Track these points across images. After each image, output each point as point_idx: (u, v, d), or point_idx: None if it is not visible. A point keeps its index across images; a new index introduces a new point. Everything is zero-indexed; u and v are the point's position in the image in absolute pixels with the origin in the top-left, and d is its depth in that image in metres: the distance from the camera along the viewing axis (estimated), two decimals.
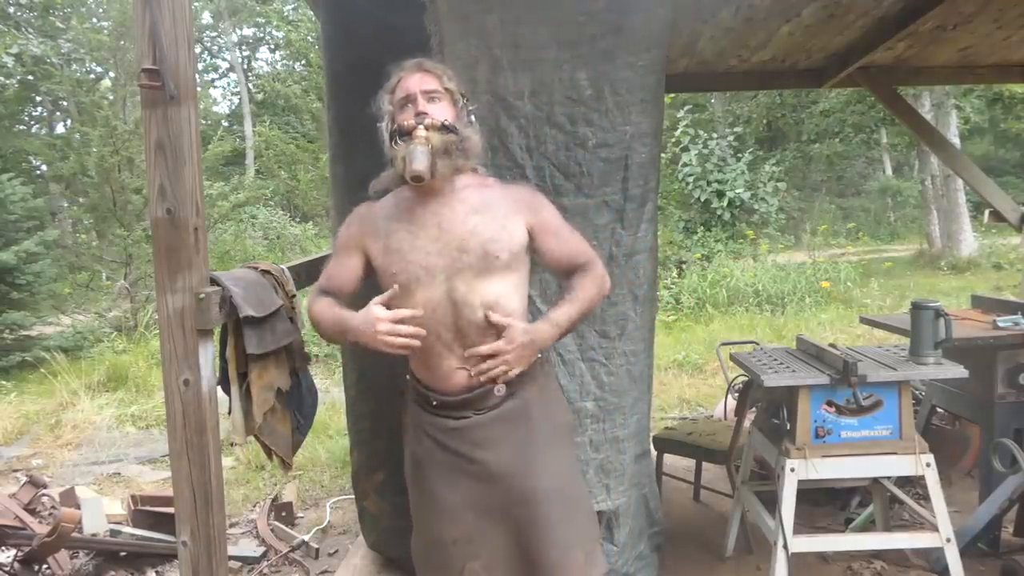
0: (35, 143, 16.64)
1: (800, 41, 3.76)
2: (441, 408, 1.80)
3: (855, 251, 13.30)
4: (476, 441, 1.78)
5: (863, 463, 2.46)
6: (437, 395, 1.79)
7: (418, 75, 1.77)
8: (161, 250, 1.78)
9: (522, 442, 1.79)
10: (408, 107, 1.74)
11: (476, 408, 1.78)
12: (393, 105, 1.78)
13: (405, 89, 1.76)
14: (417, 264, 1.72)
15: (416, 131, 1.69)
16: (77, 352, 7.88)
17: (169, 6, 1.74)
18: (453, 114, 1.76)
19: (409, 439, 1.90)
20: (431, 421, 1.82)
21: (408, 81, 1.77)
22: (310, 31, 18.55)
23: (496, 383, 1.75)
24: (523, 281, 1.81)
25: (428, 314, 1.71)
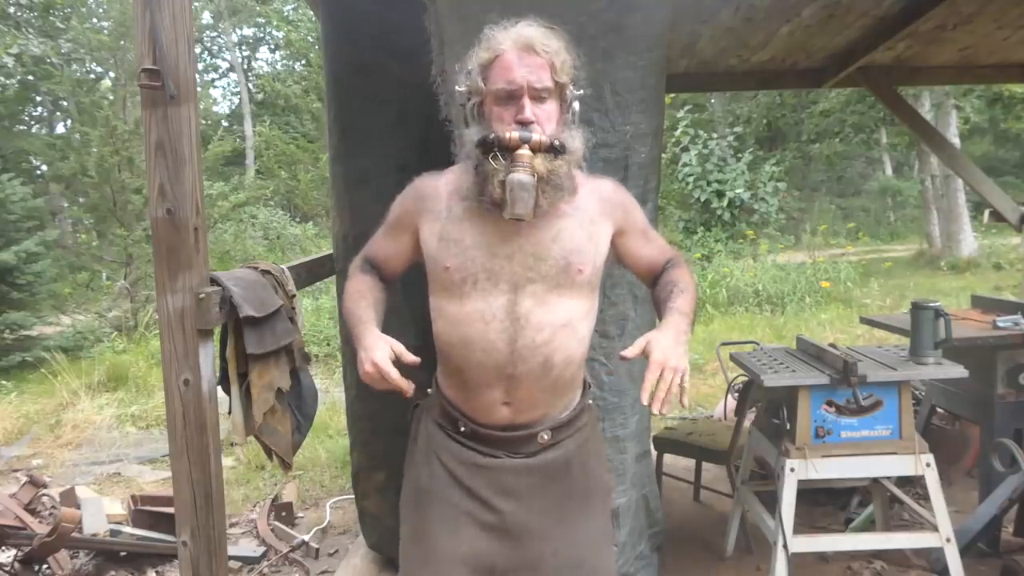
0: (35, 143, 16.63)
1: (800, 41, 3.76)
2: (470, 437, 1.51)
3: (855, 251, 13.30)
4: (502, 487, 1.48)
5: (863, 463, 2.46)
6: (469, 422, 1.50)
7: (527, 59, 1.37)
8: (161, 250, 1.78)
9: (553, 502, 1.51)
10: (509, 105, 1.38)
11: (512, 450, 1.49)
12: (485, 87, 1.40)
13: (508, 76, 1.37)
14: (479, 263, 1.41)
15: (520, 151, 1.34)
16: (77, 352, 7.88)
17: (169, 6, 1.74)
18: (559, 119, 1.43)
19: (415, 462, 1.59)
20: (451, 449, 1.52)
21: (513, 65, 1.37)
22: (310, 31, 18.55)
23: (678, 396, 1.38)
24: (596, 302, 1.53)
25: (478, 326, 1.41)
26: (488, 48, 1.39)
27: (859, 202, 21.01)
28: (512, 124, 1.37)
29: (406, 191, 1.56)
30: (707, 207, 11.50)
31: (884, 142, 17.57)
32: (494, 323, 1.41)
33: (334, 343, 7.12)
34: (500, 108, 1.39)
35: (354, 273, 1.60)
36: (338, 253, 2.87)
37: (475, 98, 1.43)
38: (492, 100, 1.40)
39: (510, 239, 1.42)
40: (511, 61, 1.37)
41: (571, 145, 1.42)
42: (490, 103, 1.40)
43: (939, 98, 13.02)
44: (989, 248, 13.14)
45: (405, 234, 1.54)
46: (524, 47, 1.37)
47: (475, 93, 1.42)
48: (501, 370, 1.42)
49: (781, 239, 12.38)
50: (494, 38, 1.40)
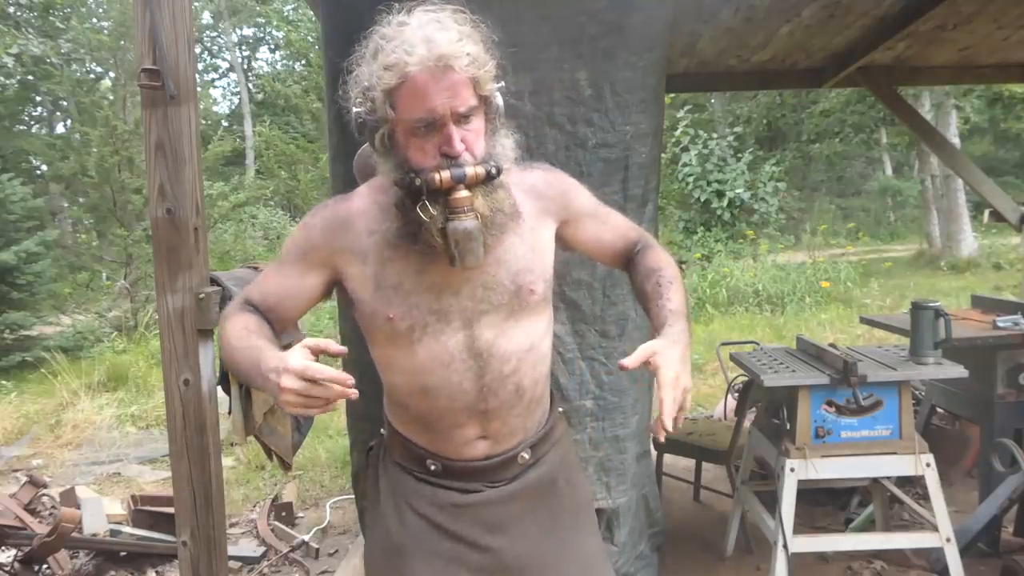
0: (35, 143, 16.65)
1: (800, 41, 3.76)
2: (443, 476, 1.33)
3: (855, 251, 13.30)
4: (489, 523, 1.33)
5: (863, 463, 2.46)
6: (439, 459, 1.33)
7: (444, 79, 1.12)
8: (161, 250, 1.78)
9: (546, 524, 1.38)
10: (430, 135, 1.15)
11: (492, 479, 1.34)
12: (394, 115, 1.15)
13: (424, 105, 1.12)
14: (425, 307, 1.23)
15: (457, 195, 1.14)
16: (77, 352, 7.89)
17: (169, 6, 1.74)
18: (486, 130, 1.22)
19: (381, 516, 1.38)
20: (423, 492, 1.34)
21: (429, 91, 1.12)
22: (310, 31, 18.55)
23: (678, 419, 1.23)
24: (551, 311, 1.38)
25: (438, 372, 1.25)
26: (392, 70, 1.11)
27: (859, 202, 21.01)
28: (436, 156, 1.15)
29: (309, 222, 1.29)
30: (707, 207, 11.50)
31: (884, 142, 17.58)
32: (455, 364, 1.25)
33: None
34: (419, 140, 1.15)
35: (231, 315, 1.29)
36: None
37: (384, 127, 1.18)
38: (406, 130, 1.16)
39: (454, 275, 1.23)
40: (425, 86, 1.11)
41: (505, 157, 1.22)
42: (404, 133, 1.16)
43: (939, 98, 13.02)
44: (989, 248, 13.14)
45: (311, 273, 1.28)
46: (437, 66, 1.10)
47: (382, 121, 1.17)
48: (472, 408, 1.28)
49: (781, 239, 12.38)
50: (396, 55, 1.11)
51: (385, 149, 1.20)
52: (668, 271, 1.38)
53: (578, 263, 2.43)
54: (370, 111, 1.17)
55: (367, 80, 1.17)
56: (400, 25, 1.16)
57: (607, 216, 1.45)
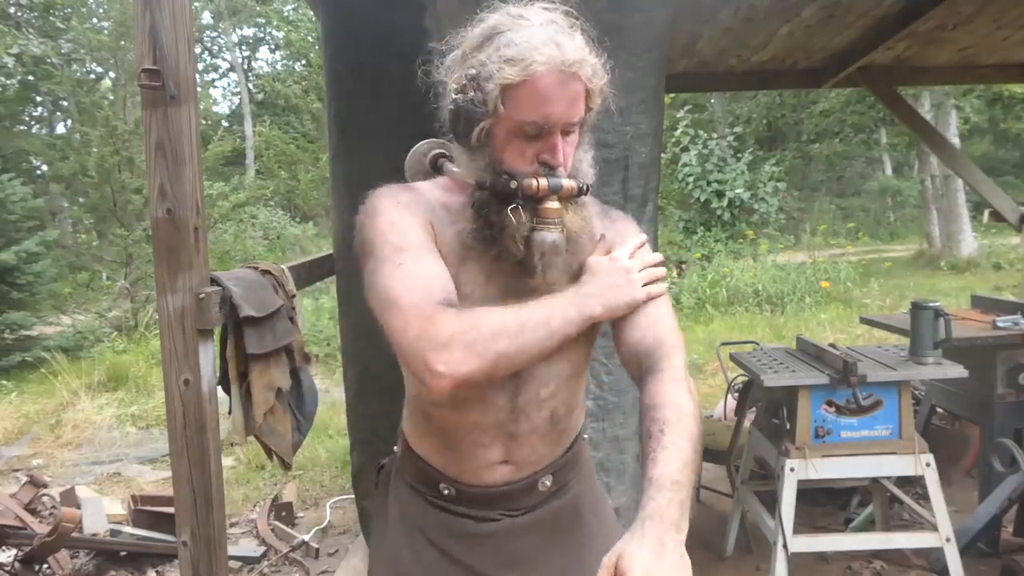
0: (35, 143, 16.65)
1: (800, 41, 3.76)
2: (458, 502, 1.22)
3: (855, 251, 13.31)
4: (508, 557, 1.21)
5: (863, 463, 2.46)
6: (454, 483, 1.22)
7: (569, 88, 1.06)
8: (161, 250, 1.78)
9: (573, 560, 1.24)
10: (534, 141, 1.08)
11: (509, 507, 1.22)
12: (504, 112, 1.05)
13: (543, 111, 1.05)
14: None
15: (549, 204, 1.08)
16: (77, 352, 7.89)
17: (169, 6, 1.74)
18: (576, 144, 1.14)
19: (390, 540, 1.28)
20: (436, 519, 1.23)
21: (552, 97, 1.05)
22: (310, 31, 18.56)
23: None
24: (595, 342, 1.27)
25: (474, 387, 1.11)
26: (516, 66, 1.03)
27: (859, 202, 21.01)
28: (533, 162, 1.09)
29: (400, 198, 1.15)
30: (707, 207, 11.51)
31: (884, 142, 17.59)
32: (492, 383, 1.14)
33: (334, 343, 7.12)
34: (522, 142, 1.08)
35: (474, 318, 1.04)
36: (338, 253, 2.87)
37: (486, 121, 1.07)
38: (511, 130, 1.07)
39: (520, 287, 1.12)
40: (547, 89, 1.04)
41: (587, 174, 1.16)
42: (507, 132, 1.08)
43: (939, 98, 13.02)
44: (989, 248, 13.15)
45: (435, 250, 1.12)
46: (565, 71, 1.04)
47: (486, 115, 1.07)
48: (500, 428, 1.18)
49: (781, 239, 12.38)
50: (522, 50, 1.03)
51: (479, 145, 1.11)
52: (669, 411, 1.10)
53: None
54: (474, 101, 1.07)
55: (478, 68, 1.06)
56: (519, 18, 1.07)
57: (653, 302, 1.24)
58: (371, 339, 2.77)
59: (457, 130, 1.12)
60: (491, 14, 1.11)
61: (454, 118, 1.11)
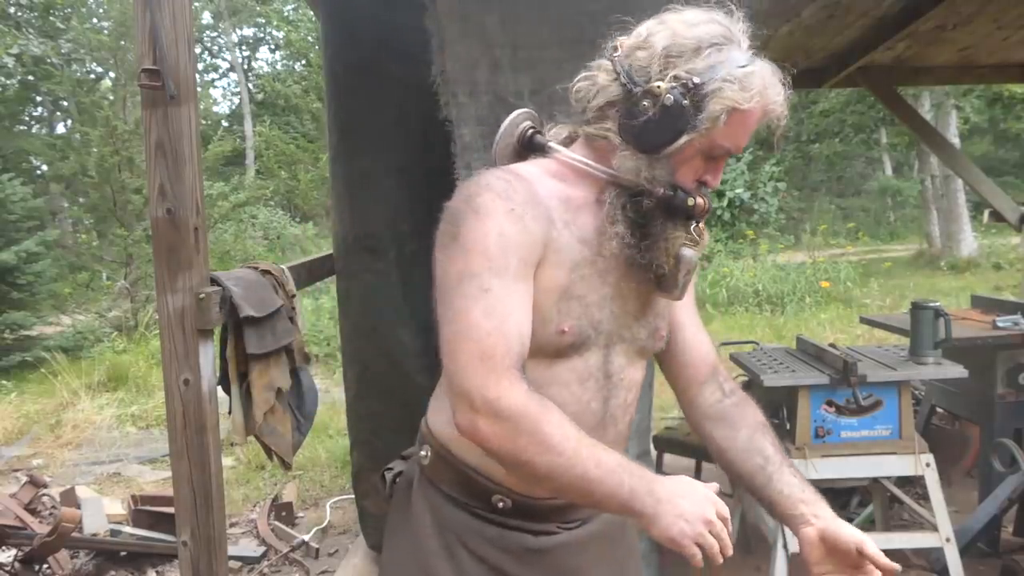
0: (35, 143, 16.66)
1: (800, 41, 3.76)
2: (512, 515, 1.13)
3: (855, 251, 13.31)
4: (564, 571, 1.16)
5: (863, 463, 2.46)
6: (511, 494, 1.12)
7: (756, 126, 1.09)
8: (161, 250, 1.78)
9: (618, 570, 1.25)
10: (709, 162, 1.08)
11: (568, 520, 1.17)
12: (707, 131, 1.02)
13: (739, 141, 1.07)
14: (593, 323, 1.09)
15: (702, 224, 1.11)
16: (77, 352, 7.89)
17: (169, 6, 1.74)
18: None
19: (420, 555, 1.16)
20: (485, 533, 1.14)
21: (751, 129, 1.07)
22: (310, 31, 18.56)
23: None
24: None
25: (573, 387, 1.10)
26: (752, 96, 1.02)
27: (859, 202, 21.01)
28: (694, 181, 1.08)
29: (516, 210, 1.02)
30: None
31: (884, 142, 17.58)
32: (590, 382, 1.11)
33: (334, 343, 7.12)
34: (700, 161, 1.07)
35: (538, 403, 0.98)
36: (338, 253, 2.87)
37: (694, 133, 1.02)
38: (704, 148, 1.05)
39: (625, 297, 1.12)
40: (752, 125, 1.06)
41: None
42: (699, 148, 1.05)
43: (939, 98, 13.02)
44: (989, 248, 13.15)
45: (530, 279, 1.04)
46: (770, 116, 1.07)
47: (695, 129, 1.02)
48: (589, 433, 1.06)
49: (781, 239, 12.40)
50: (760, 84, 1.03)
51: (663, 154, 1.04)
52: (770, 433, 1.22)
53: None
54: (687, 111, 1.01)
55: (708, 78, 1.01)
56: (729, 32, 1.07)
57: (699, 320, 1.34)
58: (371, 339, 2.77)
59: (647, 133, 1.03)
60: (693, 12, 1.08)
61: (656, 122, 1.02)
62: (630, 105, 1.04)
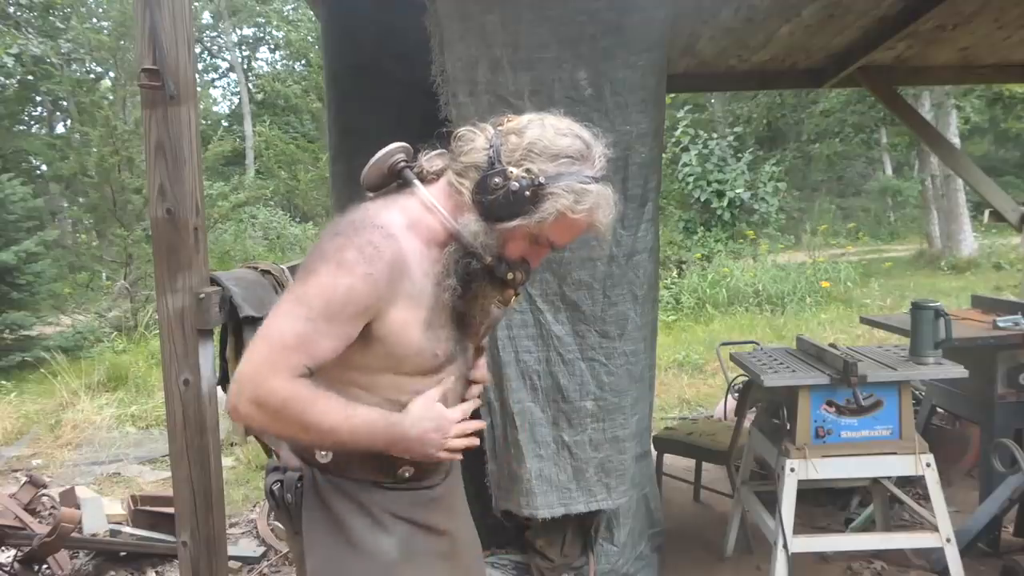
0: (35, 143, 16.66)
1: (800, 41, 3.76)
2: (415, 479, 1.37)
3: (855, 251, 13.31)
4: (450, 510, 1.47)
5: (863, 463, 2.46)
6: (411, 464, 1.35)
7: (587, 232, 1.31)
8: (161, 250, 1.78)
9: (464, 502, 1.56)
10: (533, 250, 1.31)
11: (442, 473, 1.45)
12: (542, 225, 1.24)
13: (566, 241, 1.32)
14: (457, 345, 1.36)
15: (512, 294, 1.34)
16: (77, 352, 7.89)
17: (169, 6, 1.74)
18: None
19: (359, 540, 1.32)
20: (400, 498, 1.36)
21: (575, 235, 1.31)
22: (310, 31, 18.56)
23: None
24: None
25: (454, 389, 1.38)
26: (583, 208, 1.23)
27: (859, 202, 21.01)
28: (518, 259, 1.30)
29: (373, 272, 1.19)
30: (707, 207, 11.51)
31: (884, 142, 17.58)
32: (461, 378, 1.40)
33: None
34: (526, 244, 1.28)
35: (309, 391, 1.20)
36: None
37: (524, 220, 1.23)
38: (532, 236, 1.27)
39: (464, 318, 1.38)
40: (579, 232, 1.29)
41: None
42: (526, 235, 1.26)
43: (939, 98, 13.02)
44: (989, 248, 13.15)
45: (362, 322, 1.23)
46: (595, 228, 1.29)
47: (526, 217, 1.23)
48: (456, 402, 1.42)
49: (781, 239, 12.38)
50: (593, 204, 1.24)
51: (500, 230, 1.25)
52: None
53: (578, 264, 2.43)
54: (527, 202, 1.22)
55: (549, 180, 1.22)
56: (587, 151, 1.27)
57: None
58: None
59: (491, 206, 1.24)
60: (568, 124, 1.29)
61: (501, 199, 1.23)
62: (488, 177, 1.23)
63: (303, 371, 1.19)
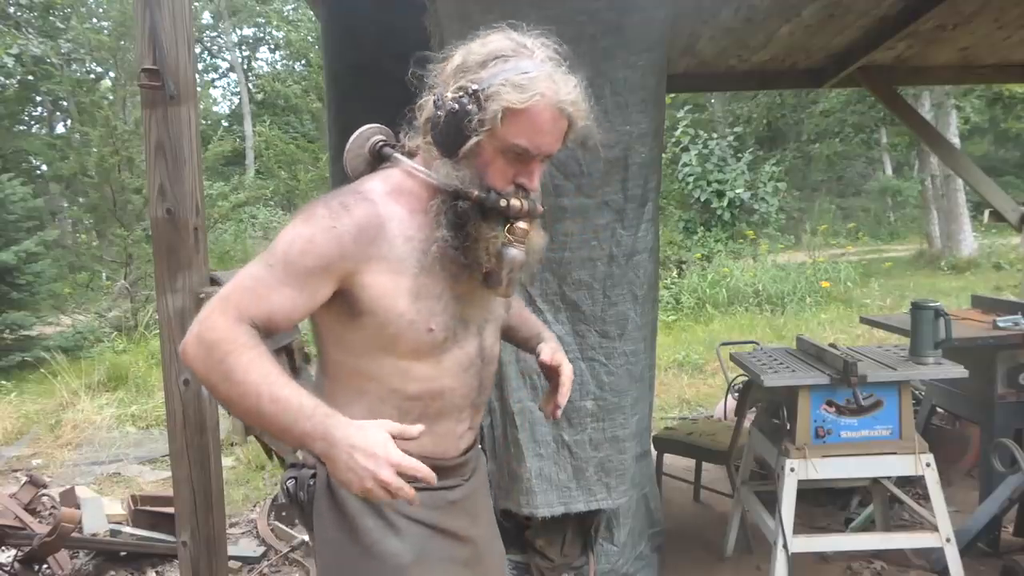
0: (35, 143, 16.66)
1: (800, 41, 3.75)
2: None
3: (855, 251, 13.30)
4: (471, 514, 1.40)
5: (863, 463, 2.46)
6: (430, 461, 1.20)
7: (559, 123, 1.19)
8: (161, 250, 1.78)
9: (488, 509, 1.49)
10: (516, 163, 1.19)
11: (464, 474, 1.39)
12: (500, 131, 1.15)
13: (535, 140, 1.17)
14: (456, 317, 1.25)
15: (521, 224, 1.20)
16: (77, 352, 7.89)
17: (169, 6, 1.74)
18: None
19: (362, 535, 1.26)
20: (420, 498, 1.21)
21: (545, 129, 1.17)
22: (310, 31, 18.55)
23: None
24: None
25: (460, 375, 1.29)
26: (524, 93, 1.13)
27: (859, 202, 21.00)
28: (511, 184, 1.20)
29: (339, 229, 1.15)
30: (707, 207, 11.51)
31: (884, 142, 17.58)
32: (471, 367, 1.31)
33: None
34: (505, 163, 1.18)
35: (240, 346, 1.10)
36: None
37: (479, 135, 1.15)
38: (500, 149, 1.17)
39: (476, 286, 1.26)
40: (544, 123, 1.16)
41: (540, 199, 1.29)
42: (495, 150, 1.17)
43: (939, 98, 13.02)
44: (989, 248, 13.15)
45: (329, 284, 1.17)
46: (563, 110, 1.17)
47: (480, 129, 1.15)
48: (472, 403, 1.35)
49: (781, 239, 12.37)
50: (533, 82, 1.14)
51: (463, 156, 1.18)
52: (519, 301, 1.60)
53: (578, 264, 2.43)
54: (471, 114, 1.14)
55: (484, 85, 1.14)
56: (523, 47, 1.19)
57: None
58: None
59: (444, 138, 1.18)
60: (494, 35, 1.21)
61: (446, 126, 1.17)
62: (434, 118, 1.18)
63: (249, 320, 1.13)
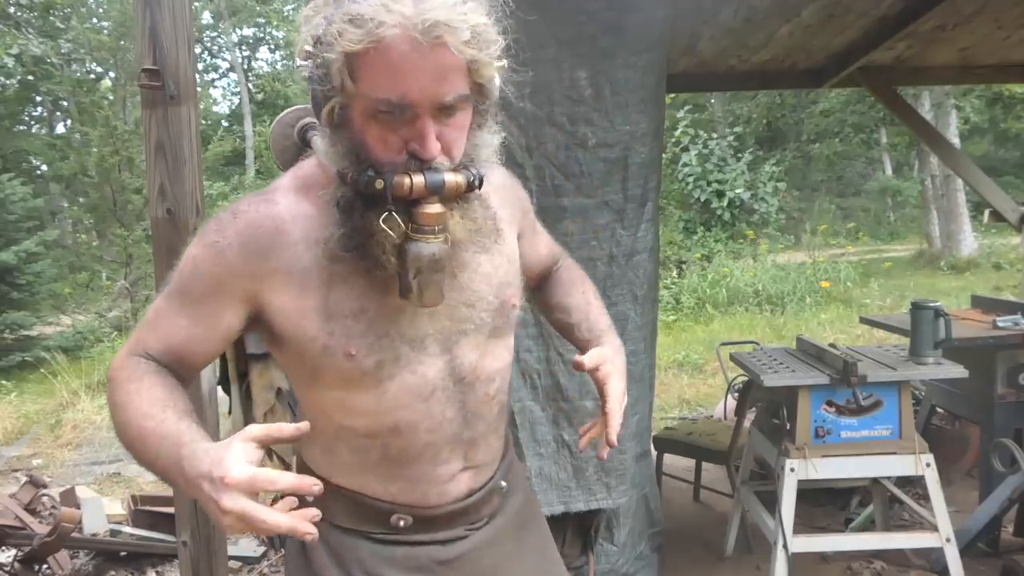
0: (35, 143, 16.67)
1: (800, 41, 3.76)
2: (415, 531, 1.06)
3: (855, 251, 13.30)
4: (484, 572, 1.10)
5: (863, 463, 2.46)
6: (409, 510, 1.05)
7: (432, 57, 0.82)
8: (161, 250, 1.78)
9: (533, 553, 1.19)
10: (398, 124, 0.87)
11: (472, 521, 1.10)
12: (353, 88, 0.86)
13: (398, 88, 0.84)
14: (396, 336, 0.97)
15: (428, 208, 0.88)
16: (77, 352, 7.90)
17: (169, 6, 1.74)
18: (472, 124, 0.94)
19: None
20: (392, 557, 1.05)
21: (407, 69, 0.83)
22: None
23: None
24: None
25: (416, 406, 1.00)
26: (360, 27, 0.81)
27: (859, 202, 21.00)
28: (401, 151, 0.88)
29: (219, 240, 0.95)
30: (707, 207, 11.51)
31: (884, 142, 17.58)
32: (437, 394, 1.01)
33: None
34: (381, 127, 0.87)
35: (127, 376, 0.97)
36: None
37: (336, 97, 0.87)
38: (366, 111, 0.87)
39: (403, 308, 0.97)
40: (402, 60, 0.82)
41: (487, 161, 0.97)
42: (362, 113, 0.87)
43: (939, 98, 13.01)
44: (989, 248, 13.14)
45: (229, 309, 0.97)
46: (425, 36, 0.80)
47: (334, 90, 0.86)
48: (457, 439, 1.05)
49: (781, 239, 12.38)
50: (368, 5, 0.81)
51: (333, 126, 0.90)
52: (591, 286, 1.32)
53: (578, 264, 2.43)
54: (319, 72, 0.86)
55: (322, 29, 0.84)
56: None
57: (541, 229, 1.29)
58: None
59: (316, 109, 0.92)
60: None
61: (312, 93, 0.90)
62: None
63: (144, 352, 0.98)
